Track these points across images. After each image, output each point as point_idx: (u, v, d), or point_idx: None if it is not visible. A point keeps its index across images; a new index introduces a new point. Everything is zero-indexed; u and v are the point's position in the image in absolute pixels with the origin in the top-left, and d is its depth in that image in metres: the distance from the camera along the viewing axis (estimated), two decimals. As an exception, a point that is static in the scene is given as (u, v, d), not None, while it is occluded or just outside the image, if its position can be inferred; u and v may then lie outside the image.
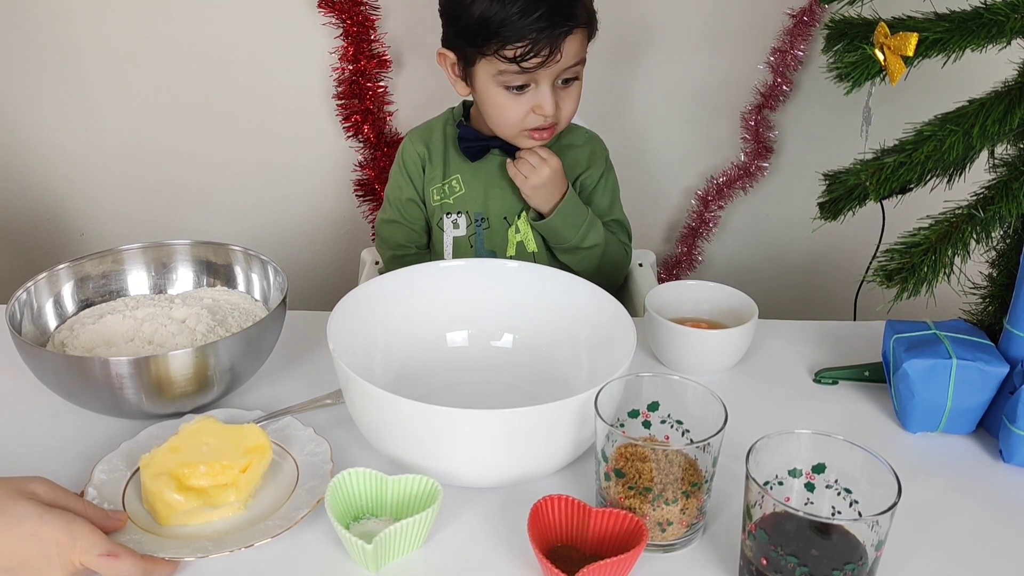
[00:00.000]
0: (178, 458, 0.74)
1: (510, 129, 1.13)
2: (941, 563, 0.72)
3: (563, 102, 1.11)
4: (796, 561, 0.61)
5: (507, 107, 1.10)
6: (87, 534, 0.64)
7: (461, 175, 1.20)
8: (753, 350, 1.00)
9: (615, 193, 1.26)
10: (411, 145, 1.23)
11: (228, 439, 0.76)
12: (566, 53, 1.06)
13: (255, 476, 0.75)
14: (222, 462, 0.74)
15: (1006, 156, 0.87)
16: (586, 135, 1.25)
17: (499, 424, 0.73)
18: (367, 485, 0.73)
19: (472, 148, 1.19)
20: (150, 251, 1.01)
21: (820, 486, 0.68)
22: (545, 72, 1.07)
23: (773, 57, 1.62)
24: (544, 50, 1.04)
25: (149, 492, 0.72)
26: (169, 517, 0.72)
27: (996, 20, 0.82)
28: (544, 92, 1.08)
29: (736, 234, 1.80)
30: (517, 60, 1.05)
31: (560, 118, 1.12)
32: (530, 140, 1.13)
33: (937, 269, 0.83)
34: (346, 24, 1.56)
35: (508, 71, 1.06)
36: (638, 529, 0.68)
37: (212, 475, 0.73)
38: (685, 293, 1.03)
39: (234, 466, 0.74)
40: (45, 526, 0.63)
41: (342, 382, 0.80)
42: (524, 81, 1.08)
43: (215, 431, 0.77)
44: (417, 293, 0.94)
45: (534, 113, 1.10)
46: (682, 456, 0.70)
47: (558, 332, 0.94)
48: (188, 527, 0.72)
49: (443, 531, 0.73)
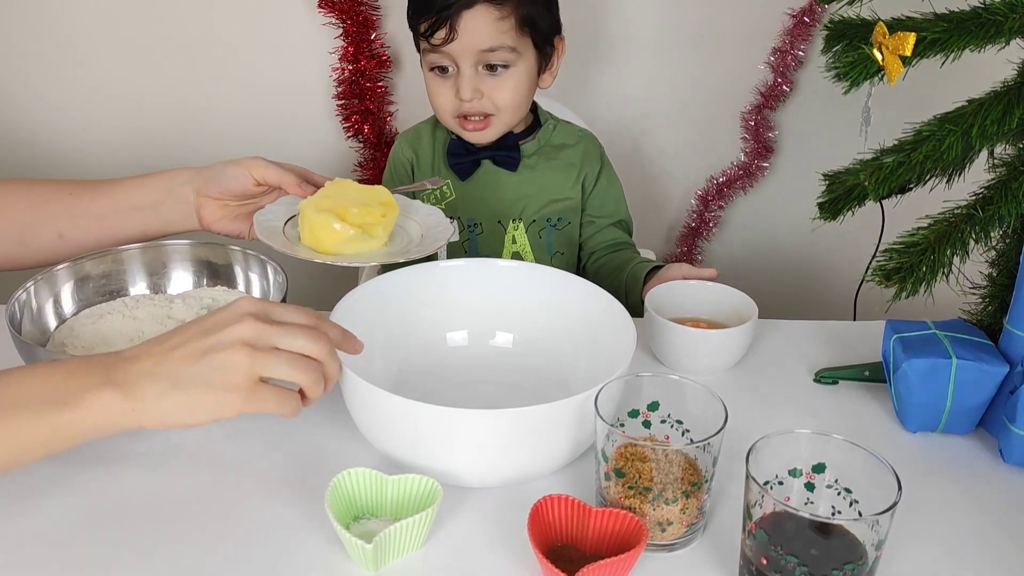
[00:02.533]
0: (333, 201, 0.89)
1: (443, 114, 1.14)
2: (941, 563, 0.72)
3: (492, 91, 1.10)
4: (796, 561, 0.61)
5: (435, 91, 1.12)
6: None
7: (452, 181, 1.20)
8: (753, 350, 1.00)
9: (619, 191, 1.25)
10: (400, 150, 1.23)
11: (364, 194, 0.92)
12: (469, 31, 1.06)
13: (392, 221, 0.91)
14: (368, 206, 0.89)
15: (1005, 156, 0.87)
16: (579, 133, 1.24)
17: (498, 424, 0.73)
18: (367, 485, 0.73)
19: (463, 165, 1.18)
20: (150, 251, 1.01)
21: (820, 486, 0.68)
22: (459, 52, 1.07)
23: (773, 57, 1.62)
24: (445, 24, 1.05)
25: (315, 224, 0.87)
26: (333, 245, 0.87)
27: (994, 20, 0.82)
28: (463, 75, 1.08)
29: (736, 234, 1.81)
30: (427, 35, 1.07)
31: (491, 108, 1.11)
32: (464, 131, 1.13)
33: (936, 269, 0.83)
34: (346, 24, 1.56)
35: (427, 49, 1.09)
36: (638, 529, 0.68)
37: (361, 216, 0.88)
38: (685, 293, 1.03)
39: (376, 210, 0.90)
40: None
41: (342, 382, 0.80)
42: (445, 63, 1.09)
43: (353, 187, 0.92)
44: (417, 293, 0.94)
45: (457, 98, 1.10)
46: (682, 456, 0.70)
47: (558, 331, 0.94)
48: (345, 255, 0.87)
49: (443, 531, 0.73)
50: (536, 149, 1.19)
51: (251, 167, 0.93)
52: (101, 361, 0.64)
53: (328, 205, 0.88)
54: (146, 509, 0.76)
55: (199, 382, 0.62)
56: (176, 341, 0.65)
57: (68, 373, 0.63)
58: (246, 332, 0.64)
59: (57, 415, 0.61)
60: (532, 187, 1.19)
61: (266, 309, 0.67)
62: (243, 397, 0.63)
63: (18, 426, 0.61)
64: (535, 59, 1.13)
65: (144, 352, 0.65)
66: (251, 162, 0.93)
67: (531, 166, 1.18)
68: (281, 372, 0.65)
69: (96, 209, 0.94)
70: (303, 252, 0.87)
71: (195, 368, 0.63)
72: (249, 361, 0.63)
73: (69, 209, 0.93)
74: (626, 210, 1.26)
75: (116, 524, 0.74)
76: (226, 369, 0.62)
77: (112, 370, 0.63)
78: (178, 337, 0.65)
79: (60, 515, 0.75)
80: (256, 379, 0.64)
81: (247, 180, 0.94)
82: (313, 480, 0.78)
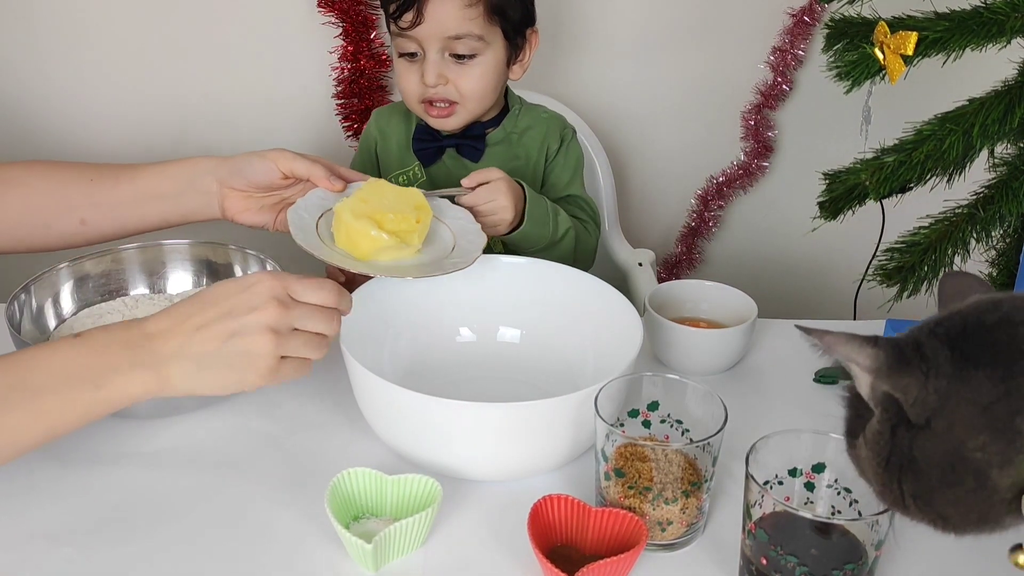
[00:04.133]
0: (369, 206, 0.86)
1: (409, 99, 1.12)
2: (941, 563, 0.72)
3: (458, 78, 1.08)
4: (796, 561, 0.61)
5: (402, 75, 1.11)
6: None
7: (421, 164, 1.18)
8: (753, 350, 1.00)
9: (576, 169, 1.20)
10: (369, 130, 1.22)
11: (399, 197, 0.89)
12: (435, 16, 1.04)
13: (426, 227, 0.89)
14: (403, 212, 0.87)
15: (1006, 155, 0.87)
16: (544, 115, 1.20)
17: (498, 418, 0.73)
18: (367, 485, 0.73)
19: (427, 151, 1.17)
20: (149, 251, 1.01)
21: (820, 486, 0.68)
22: (425, 37, 1.06)
23: (773, 56, 1.62)
24: (412, 7, 1.04)
25: (352, 229, 0.85)
26: (370, 252, 0.85)
27: (996, 19, 0.82)
28: (428, 60, 1.07)
29: (736, 234, 1.80)
30: (394, 17, 1.06)
31: (455, 96, 1.10)
32: (429, 117, 1.12)
33: (937, 268, 0.83)
34: (346, 24, 1.56)
35: (394, 32, 1.08)
36: (638, 529, 0.68)
37: (396, 223, 0.86)
38: (685, 293, 1.03)
39: (411, 216, 0.87)
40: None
41: (351, 374, 0.81)
42: (413, 48, 1.08)
43: (388, 189, 0.90)
44: (426, 288, 0.94)
45: (422, 83, 1.09)
46: (682, 456, 0.70)
47: (566, 328, 0.94)
48: (380, 262, 0.85)
49: (443, 531, 0.73)
50: (502, 137, 1.17)
51: (278, 159, 0.92)
52: (125, 338, 0.66)
53: (366, 211, 0.86)
54: (146, 509, 0.76)
55: (224, 364, 0.66)
56: (199, 320, 0.67)
57: (94, 351, 0.65)
58: (270, 318, 0.67)
59: (89, 395, 0.63)
60: None
61: (287, 288, 0.69)
62: (265, 376, 0.68)
63: (50, 406, 0.62)
64: (504, 49, 1.11)
65: (168, 329, 0.67)
66: (277, 154, 0.93)
67: (496, 155, 1.17)
68: (299, 352, 0.69)
69: (117, 197, 0.93)
70: (337, 258, 0.84)
71: (220, 351, 0.66)
72: (273, 347, 0.67)
73: (90, 196, 0.92)
74: (580, 187, 1.20)
75: (116, 524, 0.74)
76: (251, 355, 0.66)
77: (138, 351, 0.65)
78: (200, 316, 0.67)
79: (60, 515, 0.75)
80: (278, 359, 0.68)
81: (274, 173, 0.93)
82: (313, 480, 0.78)
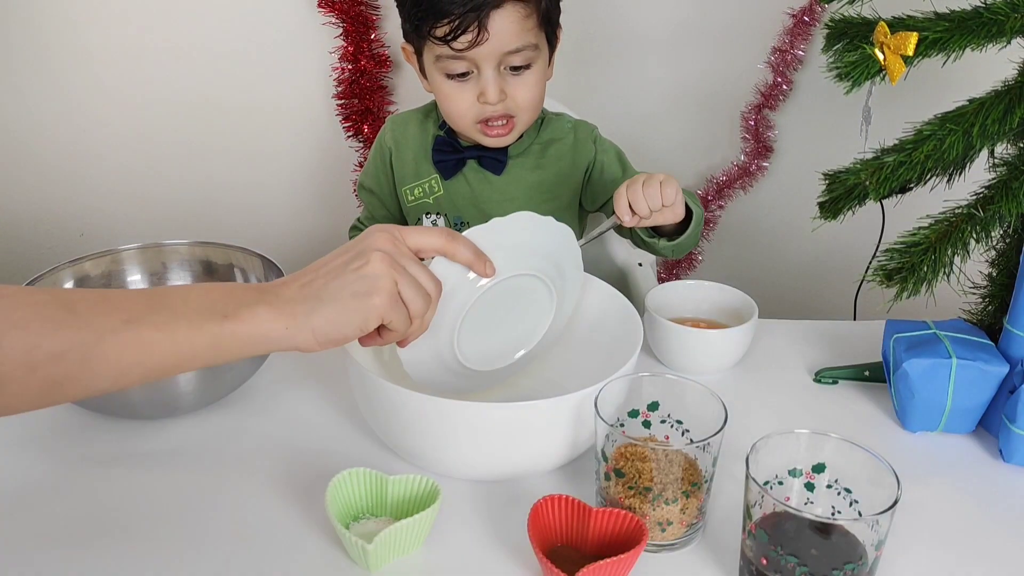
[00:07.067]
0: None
1: (461, 121, 1.07)
2: (941, 563, 0.72)
3: (514, 90, 1.04)
4: (796, 561, 0.61)
5: (452, 97, 1.05)
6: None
7: (440, 176, 1.15)
8: (753, 350, 1.00)
9: (619, 156, 1.19)
10: (383, 138, 1.18)
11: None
12: (498, 32, 0.98)
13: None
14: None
15: (1006, 155, 0.87)
16: (568, 125, 1.18)
17: (497, 418, 0.73)
18: (367, 485, 0.73)
19: (447, 163, 1.13)
20: (150, 251, 1.01)
21: (820, 486, 0.68)
22: (484, 55, 1.00)
23: (773, 57, 1.62)
24: (472, 26, 0.97)
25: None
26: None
27: (996, 19, 0.82)
28: (487, 78, 1.01)
29: (736, 234, 1.80)
30: (447, 40, 0.99)
31: (514, 109, 1.05)
32: (485, 136, 1.07)
33: (937, 269, 0.83)
34: (346, 24, 1.56)
35: (444, 55, 1.01)
36: (638, 529, 0.68)
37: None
38: (685, 293, 1.03)
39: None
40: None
41: (351, 376, 0.81)
42: (464, 68, 1.02)
43: None
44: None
45: (480, 102, 1.04)
46: (682, 456, 0.70)
47: (566, 328, 0.94)
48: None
49: (443, 531, 0.73)
50: (524, 149, 1.14)
51: None
52: (256, 286, 0.69)
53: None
54: (146, 509, 0.76)
55: (344, 294, 0.67)
56: (317, 265, 0.69)
57: (226, 291, 0.67)
58: (384, 244, 0.69)
59: (216, 325, 0.64)
60: (518, 189, 1.15)
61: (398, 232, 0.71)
62: (386, 301, 0.67)
63: (180, 334, 0.63)
64: (548, 54, 1.08)
65: (291, 279, 0.69)
66: None
67: (518, 166, 1.14)
68: (408, 291, 0.69)
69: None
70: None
71: (339, 282, 0.67)
72: (389, 267, 0.68)
73: None
74: (627, 165, 1.20)
75: (117, 524, 0.74)
76: (369, 277, 0.67)
77: (265, 293, 0.67)
78: (319, 264, 0.70)
79: (60, 515, 0.75)
80: (396, 285, 0.68)
81: None
82: (313, 480, 0.78)
